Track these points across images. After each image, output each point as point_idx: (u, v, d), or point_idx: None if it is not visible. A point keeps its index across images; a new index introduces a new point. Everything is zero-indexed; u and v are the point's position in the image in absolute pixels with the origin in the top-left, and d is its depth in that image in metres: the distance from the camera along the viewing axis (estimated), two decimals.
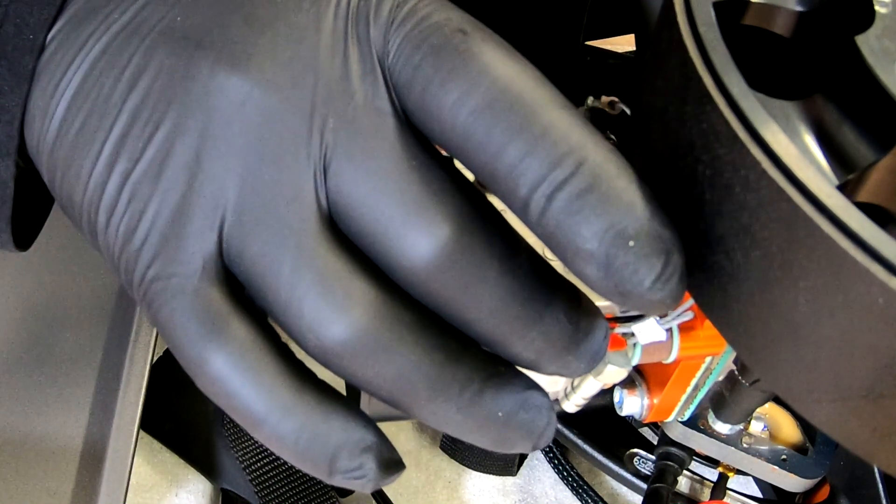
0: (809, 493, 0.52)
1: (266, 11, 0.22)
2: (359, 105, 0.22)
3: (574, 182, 0.20)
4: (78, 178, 0.23)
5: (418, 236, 0.21)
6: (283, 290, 0.22)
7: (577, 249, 0.20)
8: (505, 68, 0.21)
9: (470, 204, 0.22)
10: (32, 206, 0.26)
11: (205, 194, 0.22)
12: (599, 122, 0.44)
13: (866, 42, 0.21)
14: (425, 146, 0.22)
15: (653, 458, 0.54)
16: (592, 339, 0.23)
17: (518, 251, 0.22)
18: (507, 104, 0.20)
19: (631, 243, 0.19)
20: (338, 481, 0.22)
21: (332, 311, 0.21)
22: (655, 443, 0.55)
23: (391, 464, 0.22)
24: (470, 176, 0.23)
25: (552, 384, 0.44)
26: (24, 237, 0.26)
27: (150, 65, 0.22)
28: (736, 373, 0.45)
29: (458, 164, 0.23)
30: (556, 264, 0.24)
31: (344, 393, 0.23)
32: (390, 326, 0.22)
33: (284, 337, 0.23)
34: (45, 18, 0.22)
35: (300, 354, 0.23)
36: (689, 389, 0.45)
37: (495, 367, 0.23)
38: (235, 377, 0.21)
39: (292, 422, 0.22)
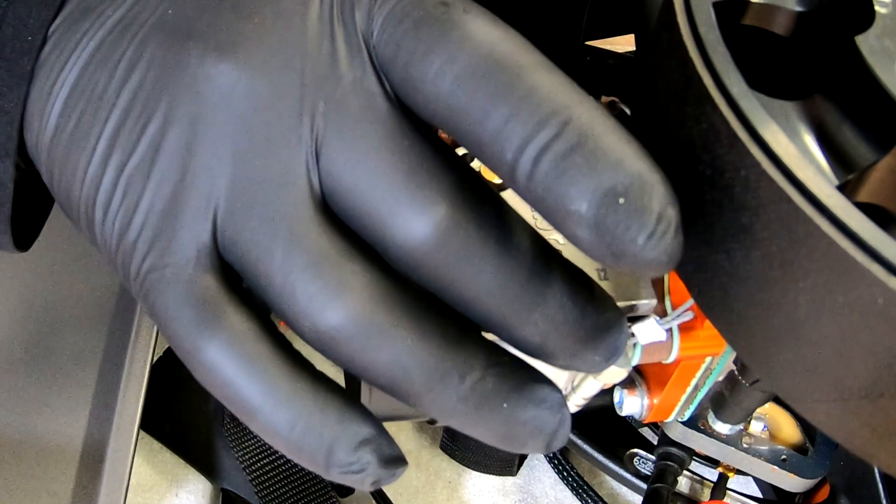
0: (809, 493, 0.52)
1: (253, 0, 0.22)
2: (348, 87, 0.22)
3: (560, 142, 0.19)
4: (74, 175, 0.23)
5: (412, 216, 0.21)
6: (276, 277, 0.21)
7: (566, 212, 0.19)
8: (487, 35, 0.21)
9: (464, 183, 0.22)
10: (32, 207, 0.26)
11: (197, 184, 0.22)
12: None
13: (866, 42, 0.21)
14: (417, 125, 0.22)
15: (653, 458, 0.54)
16: (607, 330, 0.23)
17: (516, 230, 0.22)
18: (489, 69, 0.20)
19: (621, 200, 0.19)
20: (335, 476, 0.22)
21: (326, 296, 0.21)
22: (655, 443, 0.55)
23: (392, 460, 0.22)
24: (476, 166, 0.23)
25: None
26: (23, 238, 0.26)
27: (142, 58, 0.22)
28: (736, 373, 0.45)
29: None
30: (566, 253, 0.23)
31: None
32: (386, 311, 0.21)
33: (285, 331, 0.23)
34: (43, 19, 0.23)
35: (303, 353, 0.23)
36: (689, 389, 0.45)
37: (500, 357, 0.22)
38: (229, 366, 0.21)
39: (286, 412, 0.21)
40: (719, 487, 0.53)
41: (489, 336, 0.23)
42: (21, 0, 0.22)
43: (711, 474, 0.54)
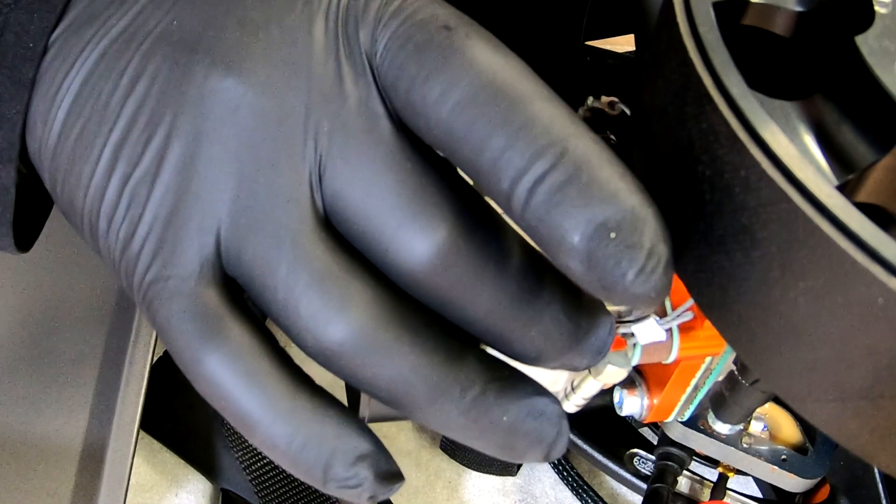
0: (809, 493, 0.52)
1: (259, 14, 0.22)
2: (352, 108, 0.22)
3: (555, 174, 0.19)
4: (78, 183, 0.23)
5: (414, 239, 0.21)
6: (280, 291, 0.22)
7: (559, 243, 0.20)
8: (488, 62, 0.21)
9: (466, 205, 0.22)
10: (33, 208, 0.26)
11: (200, 198, 0.22)
12: (599, 122, 0.44)
13: (866, 42, 0.21)
14: (419, 147, 0.22)
15: (653, 458, 0.54)
16: (595, 336, 0.23)
17: (514, 250, 0.22)
18: (489, 97, 0.20)
19: (612, 235, 0.19)
20: (332, 490, 0.22)
21: (329, 312, 0.21)
22: (655, 443, 0.55)
23: (388, 475, 0.22)
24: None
25: (552, 384, 0.44)
26: (24, 239, 0.26)
27: (146, 69, 0.22)
28: (736, 373, 0.45)
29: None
30: None
31: (345, 401, 0.23)
32: (388, 326, 0.22)
33: (283, 342, 0.23)
34: (45, 26, 0.22)
35: (300, 362, 0.23)
36: (689, 389, 0.45)
37: (500, 371, 0.23)
38: (229, 379, 0.21)
39: (285, 426, 0.21)
40: (719, 487, 0.53)
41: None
42: (23, 7, 0.22)
43: (711, 474, 0.54)
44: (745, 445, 0.50)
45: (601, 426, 0.57)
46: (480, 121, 0.20)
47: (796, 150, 0.18)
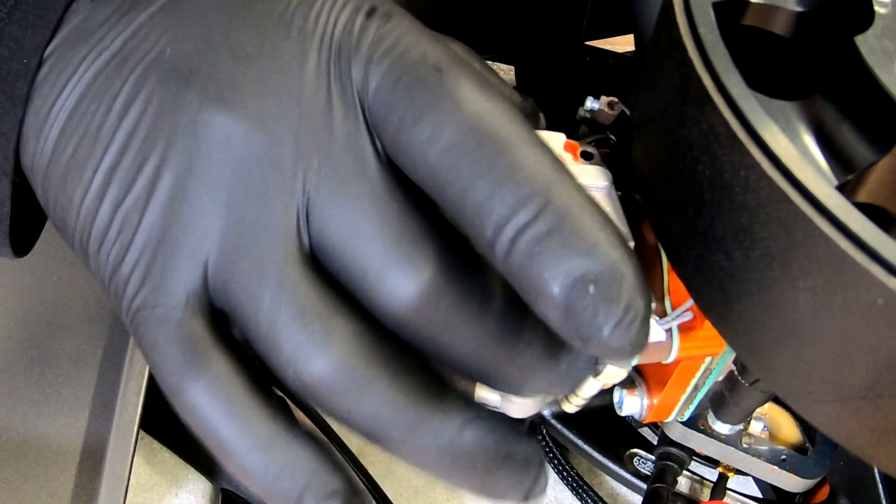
0: (809, 493, 0.52)
1: (253, 44, 0.22)
2: (341, 145, 0.22)
3: (537, 225, 0.20)
4: (70, 203, 0.23)
5: (398, 279, 0.21)
6: (262, 325, 0.22)
7: (538, 293, 0.20)
8: (475, 107, 0.21)
9: (450, 245, 0.22)
10: (29, 214, 0.26)
11: (189, 228, 0.22)
12: (599, 122, 0.44)
13: (866, 42, 0.21)
14: (406, 184, 0.22)
15: (653, 458, 0.54)
16: (574, 369, 0.23)
17: (498, 292, 0.23)
18: (474, 144, 0.21)
19: (591, 288, 0.19)
20: None
21: (310, 347, 0.21)
22: (655, 443, 0.55)
23: None
24: None
25: None
26: (22, 243, 0.26)
27: (140, 95, 0.22)
28: (736, 373, 0.45)
29: None
30: None
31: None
32: (368, 364, 0.22)
33: None
34: (39, 41, 0.22)
35: None
36: (688, 389, 0.45)
37: (478, 412, 0.23)
38: (210, 408, 0.22)
39: (260, 457, 0.22)
40: (719, 487, 0.53)
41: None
42: (17, 21, 0.22)
43: (711, 474, 0.54)
44: (745, 445, 0.50)
45: (601, 426, 0.57)
46: (466, 166, 0.20)
47: (796, 150, 0.18)
